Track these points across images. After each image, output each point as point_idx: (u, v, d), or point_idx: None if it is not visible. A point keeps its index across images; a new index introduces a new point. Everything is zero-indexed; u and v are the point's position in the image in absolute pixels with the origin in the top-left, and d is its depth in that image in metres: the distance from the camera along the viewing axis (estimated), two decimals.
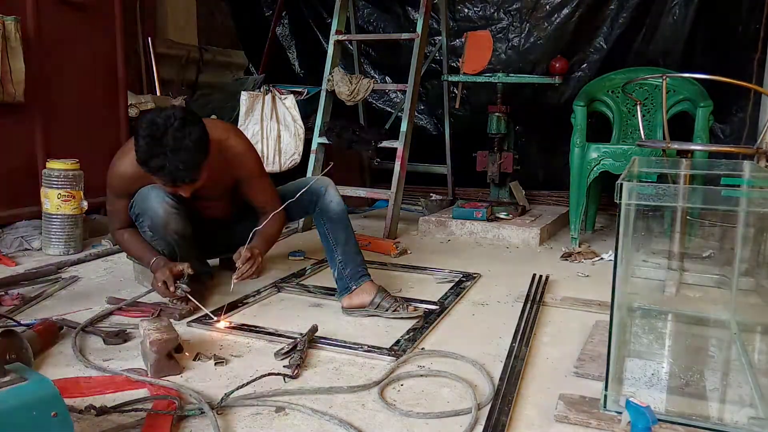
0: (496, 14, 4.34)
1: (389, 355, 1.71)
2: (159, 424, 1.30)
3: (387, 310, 2.03)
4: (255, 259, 2.04)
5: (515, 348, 1.78)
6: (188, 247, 2.17)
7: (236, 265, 2.04)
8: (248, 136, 3.75)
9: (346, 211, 2.21)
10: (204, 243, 2.33)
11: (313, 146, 3.60)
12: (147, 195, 2.05)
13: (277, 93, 3.81)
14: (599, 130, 3.99)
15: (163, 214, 2.03)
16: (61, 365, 1.64)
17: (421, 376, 1.61)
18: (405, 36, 3.70)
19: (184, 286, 2.03)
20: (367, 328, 1.97)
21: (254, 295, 2.24)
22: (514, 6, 4.27)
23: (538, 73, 4.15)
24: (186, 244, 2.15)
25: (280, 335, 1.84)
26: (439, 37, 4.24)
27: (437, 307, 2.15)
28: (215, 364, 1.66)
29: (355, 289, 2.09)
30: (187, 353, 1.72)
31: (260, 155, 3.75)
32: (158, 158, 1.81)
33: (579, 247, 3.08)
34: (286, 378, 1.56)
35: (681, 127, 3.58)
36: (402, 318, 2.01)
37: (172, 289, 2.02)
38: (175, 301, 2.10)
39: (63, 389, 1.29)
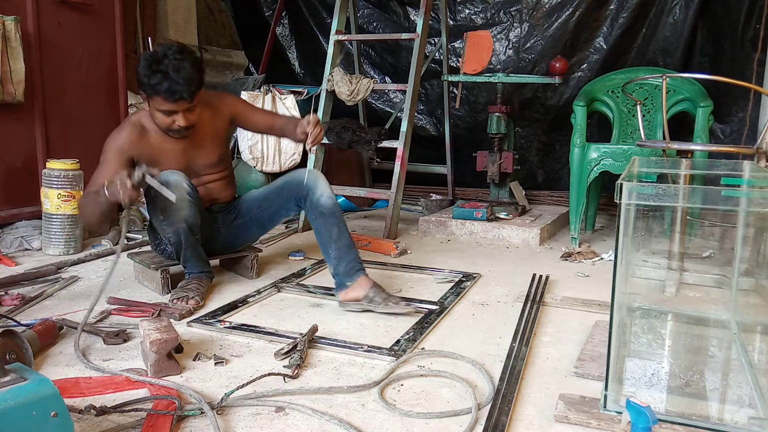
0: (496, 14, 4.35)
1: (389, 355, 1.71)
2: (159, 424, 1.30)
3: (380, 305, 2.05)
4: (320, 124, 2.19)
5: (515, 348, 1.78)
6: (193, 240, 2.19)
7: (306, 130, 2.15)
8: (248, 137, 3.78)
9: (338, 205, 2.22)
10: (206, 243, 2.33)
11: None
12: (166, 178, 2.08)
13: (277, 93, 3.81)
14: (599, 130, 4.01)
15: (178, 199, 2.06)
16: (61, 365, 1.64)
17: (421, 376, 1.61)
18: (405, 36, 3.70)
19: (139, 167, 1.91)
20: (367, 328, 1.97)
21: (254, 295, 2.24)
22: (515, 6, 4.27)
23: (538, 73, 4.15)
24: (192, 235, 2.17)
25: (280, 335, 1.84)
26: (439, 38, 4.24)
27: (437, 307, 2.15)
28: (215, 364, 1.66)
29: (350, 285, 2.11)
30: (187, 353, 1.72)
31: (260, 155, 3.77)
32: (158, 75, 2.02)
33: (579, 247, 3.08)
34: (286, 378, 1.56)
35: (681, 127, 3.59)
36: (395, 313, 2.02)
37: (128, 182, 1.87)
38: (175, 301, 2.10)
39: (63, 389, 1.30)
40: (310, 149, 2.17)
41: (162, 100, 2.07)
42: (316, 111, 3.71)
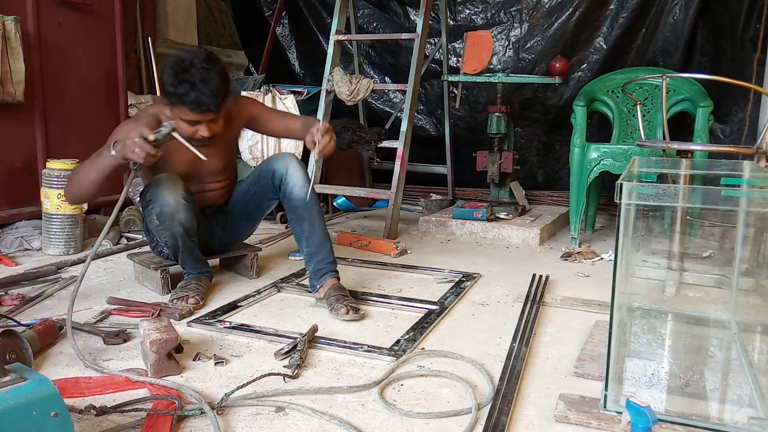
0: (496, 14, 4.35)
1: (389, 355, 1.71)
2: (159, 424, 1.30)
3: (330, 310, 2.07)
4: (331, 132, 2.05)
5: (515, 348, 1.78)
6: (191, 243, 2.19)
7: (315, 138, 2.01)
8: (248, 137, 3.78)
9: (311, 196, 2.17)
10: (204, 244, 2.33)
11: None
12: (160, 182, 2.07)
13: (277, 93, 3.81)
14: (599, 130, 4.01)
15: (173, 204, 2.06)
16: (61, 365, 1.64)
17: (421, 376, 1.61)
18: (405, 36, 3.70)
19: (166, 124, 1.85)
20: (367, 328, 1.97)
21: (254, 295, 2.24)
22: (515, 6, 4.28)
23: (538, 73, 4.15)
24: (188, 238, 2.16)
25: (280, 335, 1.84)
26: (439, 38, 4.24)
27: (437, 307, 2.15)
28: (215, 364, 1.66)
29: (319, 287, 2.16)
30: (187, 353, 1.72)
31: (260, 155, 3.77)
32: (185, 85, 1.93)
33: (579, 247, 3.08)
34: (286, 378, 1.56)
35: (681, 127, 3.59)
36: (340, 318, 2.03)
37: (151, 136, 1.82)
38: (175, 301, 2.10)
39: (63, 389, 1.30)
40: (316, 158, 2.06)
41: (188, 110, 1.98)
42: (316, 111, 3.71)
